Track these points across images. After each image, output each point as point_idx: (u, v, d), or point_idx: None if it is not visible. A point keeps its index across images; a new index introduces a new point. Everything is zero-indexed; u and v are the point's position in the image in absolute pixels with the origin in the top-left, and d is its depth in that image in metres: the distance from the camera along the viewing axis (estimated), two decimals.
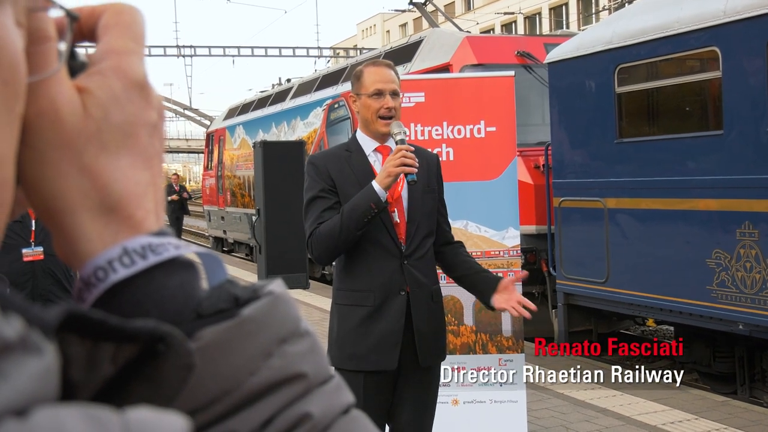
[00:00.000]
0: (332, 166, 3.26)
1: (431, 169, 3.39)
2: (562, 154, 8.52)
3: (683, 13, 7.01)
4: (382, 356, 3.19)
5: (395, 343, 3.19)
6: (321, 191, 3.22)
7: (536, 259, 9.15)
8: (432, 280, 3.33)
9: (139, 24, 0.58)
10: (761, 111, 6.30)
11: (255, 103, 18.70)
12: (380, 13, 65.82)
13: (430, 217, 3.35)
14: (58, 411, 0.39)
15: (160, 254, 0.53)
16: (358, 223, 3.09)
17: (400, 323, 3.21)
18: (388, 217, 3.24)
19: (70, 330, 0.46)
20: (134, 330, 0.47)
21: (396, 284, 3.23)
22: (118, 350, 0.47)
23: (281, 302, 0.56)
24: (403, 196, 3.29)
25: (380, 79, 3.28)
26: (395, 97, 3.29)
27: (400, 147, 3.13)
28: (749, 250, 6.39)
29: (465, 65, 10.16)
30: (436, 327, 3.32)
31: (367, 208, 3.08)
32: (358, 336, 3.21)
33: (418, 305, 3.25)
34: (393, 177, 3.08)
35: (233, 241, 19.52)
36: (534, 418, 5.85)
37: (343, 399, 0.57)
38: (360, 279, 3.24)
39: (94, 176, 0.53)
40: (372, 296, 3.22)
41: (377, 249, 3.22)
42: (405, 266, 3.24)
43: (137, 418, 0.42)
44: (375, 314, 3.21)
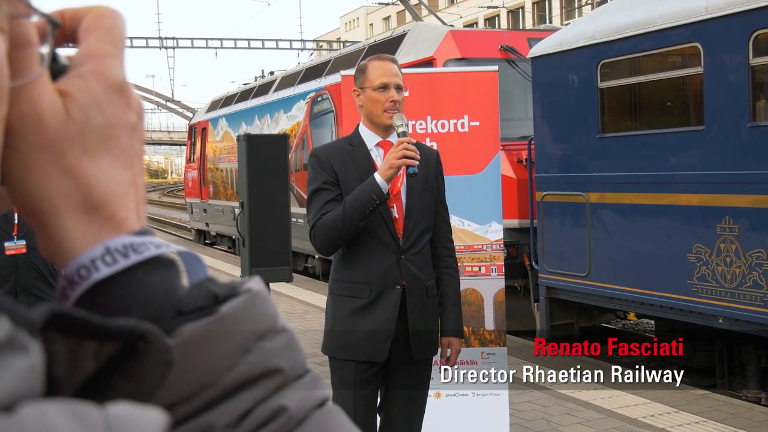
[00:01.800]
0: (335, 158, 3.31)
1: (430, 165, 3.42)
2: (545, 149, 8.55)
3: (665, 9, 7.05)
4: (373, 348, 3.24)
5: (387, 335, 3.25)
6: (324, 183, 3.27)
7: (519, 253, 9.18)
8: (427, 275, 3.38)
9: (120, 28, 0.60)
10: (742, 107, 6.35)
11: (238, 95, 18.65)
12: (364, 6, 65.71)
13: (428, 213, 3.40)
14: (43, 406, 0.41)
15: (141, 253, 0.55)
16: (360, 214, 3.14)
17: (393, 316, 3.26)
18: (388, 212, 3.30)
19: (54, 328, 0.47)
20: (115, 328, 0.49)
21: (392, 278, 3.28)
22: (100, 347, 0.49)
23: (259, 299, 0.57)
24: (402, 191, 3.34)
25: (385, 72, 3.34)
26: (399, 90, 3.35)
27: (401, 140, 3.18)
28: (729, 245, 6.45)
29: (449, 59, 10.17)
30: (429, 321, 3.37)
31: (369, 199, 3.13)
32: (351, 326, 3.27)
33: (413, 300, 3.30)
34: (395, 169, 3.13)
35: (216, 234, 19.48)
36: (516, 411, 5.88)
37: (319, 393, 0.58)
38: (357, 271, 3.30)
39: (76, 177, 0.54)
40: (368, 289, 3.28)
41: (376, 243, 3.28)
42: (402, 261, 3.29)
43: (117, 413, 0.43)
44: (370, 306, 3.27)
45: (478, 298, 5.13)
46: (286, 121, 14.98)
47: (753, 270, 6.26)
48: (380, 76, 3.33)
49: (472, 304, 5.19)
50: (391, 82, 3.32)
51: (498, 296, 5.18)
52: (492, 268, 5.21)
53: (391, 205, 3.31)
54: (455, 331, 3.46)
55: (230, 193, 17.38)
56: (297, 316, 9.90)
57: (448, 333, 3.45)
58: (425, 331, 3.34)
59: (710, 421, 5.71)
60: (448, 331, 3.44)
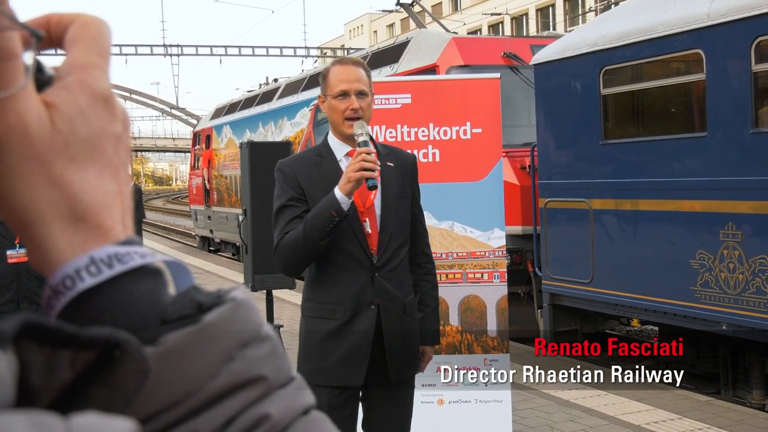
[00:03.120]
0: (301, 172, 3.11)
1: (406, 173, 3.23)
2: (548, 155, 8.56)
3: (668, 15, 7.06)
4: (348, 372, 3.07)
5: (363, 358, 3.07)
6: (289, 200, 3.08)
7: (522, 260, 9.18)
8: (405, 292, 3.18)
9: (105, 37, 0.60)
10: (745, 113, 6.36)
11: (242, 102, 18.68)
12: (367, 13, 65.82)
13: (404, 225, 3.20)
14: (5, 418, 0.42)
15: (126, 263, 0.55)
16: (321, 232, 2.93)
17: (368, 338, 3.07)
18: (360, 227, 3.09)
19: (29, 338, 0.48)
20: (90, 337, 0.49)
21: (366, 298, 3.09)
22: (75, 356, 0.49)
23: (243, 308, 0.58)
24: (375, 204, 3.14)
25: (345, 78, 3.10)
26: (362, 97, 3.10)
27: (359, 150, 2.95)
28: (732, 251, 6.44)
29: (452, 66, 10.19)
30: (408, 340, 3.18)
31: (328, 216, 2.92)
32: (325, 350, 3.08)
33: (389, 319, 3.11)
34: (354, 182, 2.90)
35: (220, 241, 19.49)
36: (519, 418, 5.88)
37: (303, 400, 0.59)
38: (329, 291, 3.10)
39: (62, 187, 0.55)
40: (341, 310, 3.08)
41: (348, 260, 3.08)
42: (376, 278, 3.10)
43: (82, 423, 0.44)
44: (343, 328, 3.08)
45: (481, 305, 5.13)
46: (290, 128, 15.00)
47: (756, 276, 6.26)
48: (340, 82, 3.10)
49: (475, 311, 5.20)
50: (351, 88, 3.08)
51: (501, 303, 5.19)
52: (495, 274, 5.21)
53: (363, 219, 3.11)
54: (431, 339, 3.30)
55: (234, 200, 17.40)
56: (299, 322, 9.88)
57: (424, 342, 3.26)
58: (403, 352, 3.15)
59: (714, 428, 5.70)
60: (424, 340, 3.27)
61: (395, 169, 3.18)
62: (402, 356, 3.14)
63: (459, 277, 5.21)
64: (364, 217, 3.11)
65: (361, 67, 3.18)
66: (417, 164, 3.35)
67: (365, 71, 3.17)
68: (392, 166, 3.19)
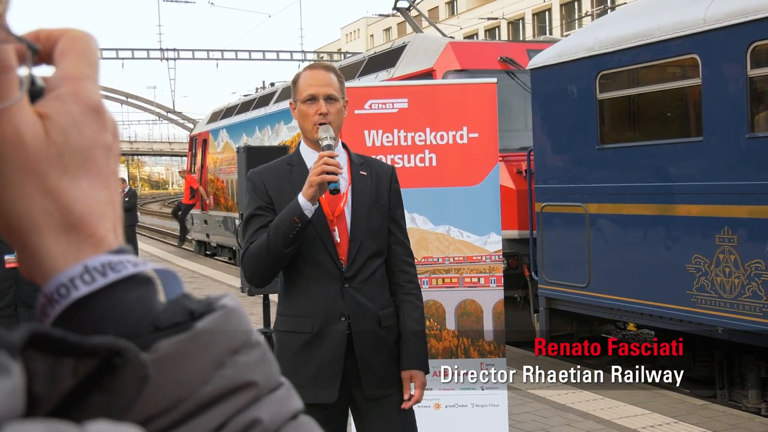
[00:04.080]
0: (270, 181, 3.04)
1: (382, 183, 3.11)
2: (544, 160, 8.58)
3: (664, 20, 7.08)
4: (321, 388, 2.96)
5: (335, 373, 2.96)
6: (257, 209, 3.00)
7: (518, 264, 9.20)
8: (379, 304, 3.05)
9: (94, 51, 0.61)
10: (740, 118, 6.38)
11: (239, 106, 18.69)
12: (364, 17, 65.88)
13: (378, 235, 3.07)
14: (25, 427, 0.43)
15: (119, 272, 0.56)
16: (284, 240, 2.83)
17: (339, 352, 2.96)
18: (329, 236, 2.99)
19: (34, 347, 0.49)
20: (93, 345, 0.50)
21: (336, 309, 2.98)
22: (78, 364, 0.51)
23: (234, 315, 0.59)
24: (345, 213, 3.04)
25: (313, 82, 3.01)
26: (331, 101, 2.99)
27: (322, 153, 2.84)
28: (728, 255, 6.46)
29: (448, 71, 10.20)
30: (385, 354, 3.04)
31: (290, 223, 2.82)
32: (297, 366, 2.97)
33: (362, 332, 2.99)
34: (315, 187, 2.79)
35: (216, 245, 19.49)
36: (515, 422, 5.88)
37: (292, 405, 0.60)
38: (298, 303, 3.02)
39: (56, 197, 0.56)
40: (310, 322, 2.98)
41: (316, 271, 2.98)
42: (346, 289, 2.99)
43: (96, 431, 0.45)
44: (313, 342, 2.98)
45: (478, 309, 5.14)
46: (286, 133, 15.01)
47: (752, 280, 6.27)
48: (308, 87, 3.01)
49: (471, 315, 5.20)
50: (319, 92, 2.98)
51: (497, 307, 5.20)
52: (491, 279, 5.22)
53: (332, 228, 3.01)
54: (417, 363, 3.07)
55: (230, 204, 17.40)
56: None
57: (408, 366, 3.05)
58: (379, 366, 3.01)
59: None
60: (408, 364, 3.05)
61: (368, 178, 3.09)
62: (378, 371, 3.02)
63: (455, 281, 5.22)
64: (333, 226, 3.02)
65: (332, 72, 3.09)
66: (396, 177, 3.19)
67: (336, 76, 3.08)
68: (365, 175, 3.10)
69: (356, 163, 3.14)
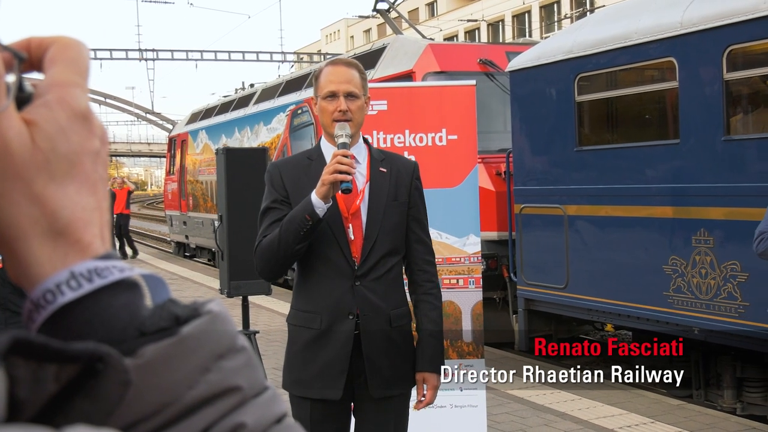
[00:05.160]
0: (288, 175, 3.03)
1: (402, 179, 3.08)
2: (523, 162, 8.62)
3: (641, 24, 7.14)
4: (326, 384, 2.95)
5: (341, 371, 2.95)
6: (273, 202, 3.00)
7: (497, 265, 9.23)
8: (392, 303, 3.02)
9: (84, 58, 0.61)
10: (717, 120, 6.44)
11: (218, 107, 18.64)
12: (344, 18, 65.85)
13: (395, 234, 3.04)
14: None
15: (105, 277, 0.57)
16: (295, 236, 2.83)
17: (346, 350, 2.95)
18: (343, 233, 2.97)
19: (17, 353, 0.50)
20: (75, 351, 0.51)
21: (345, 307, 2.96)
22: (60, 370, 0.52)
23: (219, 320, 0.59)
24: (362, 210, 3.02)
25: (334, 79, 2.99)
26: (352, 98, 2.98)
27: (336, 152, 2.84)
28: (704, 257, 6.52)
29: (428, 72, 10.23)
30: (394, 355, 3.01)
31: (302, 220, 2.81)
32: (304, 361, 2.99)
33: (370, 331, 2.97)
34: (328, 186, 2.78)
35: (195, 246, 19.42)
36: (494, 422, 5.91)
37: (277, 409, 0.60)
38: (309, 299, 3.01)
39: (43, 204, 0.56)
40: (319, 319, 2.97)
41: (328, 267, 2.97)
42: (357, 288, 2.97)
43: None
44: (321, 338, 2.97)
45: (456, 311, 5.16)
46: (266, 134, 14.98)
47: (728, 282, 6.33)
48: (329, 83, 2.99)
49: (450, 317, 5.22)
50: (339, 89, 2.96)
51: (476, 308, 5.22)
52: (470, 280, 5.25)
53: (347, 225, 2.98)
54: (431, 365, 3.05)
55: (210, 206, 17.35)
56: (277, 329, 9.88)
57: (422, 368, 3.05)
58: (388, 366, 2.99)
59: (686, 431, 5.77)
60: (422, 366, 3.05)
61: (388, 174, 3.06)
62: (385, 371, 2.99)
63: None
64: (348, 223, 2.99)
65: (354, 68, 3.06)
66: (418, 173, 3.16)
67: (359, 72, 3.05)
68: (384, 172, 3.07)
69: (376, 159, 3.10)
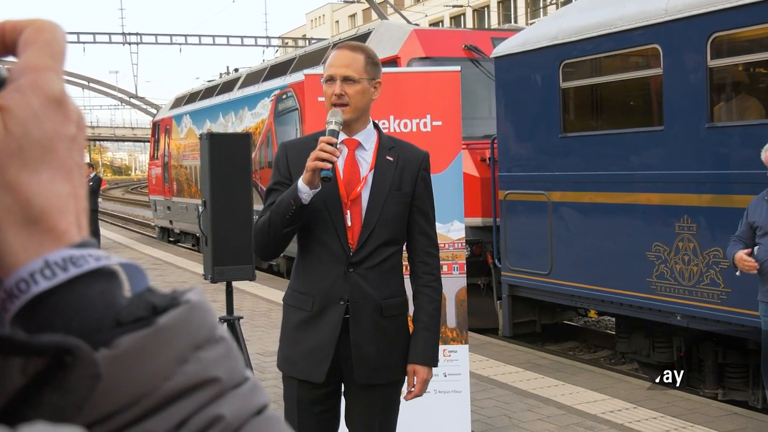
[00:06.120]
0: (294, 156, 3.02)
1: (408, 170, 3.05)
2: (508, 148, 8.63)
3: (626, 10, 7.14)
4: (311, 366, 2.98)
5: (326, 355, 2.96)
6: (275, 183, 3.02)
7: (482, 251, 9.25)
8: (385, 293, 3.01)
9: (59, 41, 0.60)
10: (700, 108, 6.46)
11: (202, 92, 18.55)
12: (330, 3, 65.65)
13: (395, 223, 3.03)
14: None
15: (80, 266, 0.55)
16: (282, 220, 2.86)
17: (333, 335, 2.97)
18: (341, 219, 2.98)
19: None
20: (41, 344, 0.50)
21: (336, 292, 2.97)
22: (26, 363, 0.51)
23: (197, 310, 0.58)
24: (363, 197, 3.01)
25: (333, 62, 2.99)
26: (349, 83, 2.95)
27: (322, 139, 2.82)
28: (687, 244, 6.55)
29: (413, 58, 10.21)
30: (382, 343, 3.01)
31: (287, 204, 2.84)
32: (295, 340, 3.03)
33: (359, 318, 2.97)
34: (311, 172, 2.79)
35: (179, 231, 19.37)
36: (477, 408, 5.93)
37: (257, 400, 0.59)
38: (304, 281, 3.04)
39: (16, 191, 0.55)
40: (311, 301, 3.00)
41: (324, 252, 2.99)
42: (350, 274, 2.97)
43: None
44: (312, 321, 2.99)
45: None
46: (250, 119, 14.93)
47: (710, 268, 6.37)
48: (328, 67, 2.99)
49: None
50: (336, 73, 2.95)
51: (460, 294, 5.23)
52: (454, 266, 5.25)
53: (345, 211, 2.99)
54: (422, 358, 3.04)
55: (194, 191, 17.30)
56: (261, 314, 9.89)
57: (413, 360, 3.04)
58: (376, 354, 2.99)
59: (668, 417, 5.80)
60: (414, 358, 3.04)
61: (394, 163, 3.03)
62: (372, 359, 2.98)
63: None
64: (347, 209, 2.99)
65: (360, 51, 3.03)
66: (427, 165, 3.13)
67: (365, 56, 3.02)
68: (391, 161, 3.04)
69: (384, 146, 3.08)
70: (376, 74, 3.04)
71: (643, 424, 5.63)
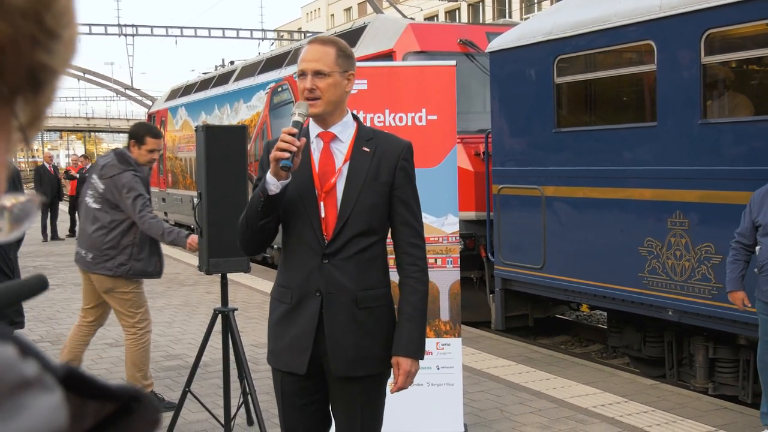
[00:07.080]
0: None
1: (386, 160, 3.03)
2: (502, 142, 8.66)
3: (621, 6, 7.18)
4: (293, 358, 2.99)
5: (305, 347, 2.97)
6: (258, 180, 3.00)
7: (475, 245, 9.29)
8: (362, 284, 2.99)
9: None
10: (694, 104, 6.49)
11: (198, 84, 18.55)
12: None
13: (372, 214, 3.00)
14: None
15: None
16: (255, 212, 2.90)
17: (311, 326, 2.97)
18: (315, 210, 2.97)
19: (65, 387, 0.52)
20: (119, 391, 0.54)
21: (312, 284, 2.97)
22: (101, 407, 0.53)
23: None
24: (337, 188, 3.00)
25: (304, 57, 3.00)
26: (320, 77, 2.95)
27: (283, 130, 2.81)
28: (679, 239, 6.59)
29: (408, 52, 10.23)
30: (359, 336, 2.99)
31: (257, 196, 2.87)
32: (277, 334, 3.06)
33: (334, 310, 2.96)
34: (275, 162, 2.79)
35: (174, 223, 19.37)
36: (470, 401, 5.97)
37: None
38: (285, 274, 3.06)
39: None
40: (290, 294, 3.02)
41: (300, 244, 2.99)
42: (324, 266, 2.96)
43: None
44: (291, 313, 3.01)
45: (434, 290, 5.20)
46: (246, 111, 14.94)
47: (702, 263, 6.42)
48: (300, 62, 3.00)
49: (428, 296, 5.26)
50: (307, 68, 2.96)
51: (453, 288, 5.26)
52: (448, 260, 5.28)
53: (319, 203, 2.98)
54: (405, 350, 3.00)
55: (189, 183, 17.31)
56: (255, 306, 9.92)
57: (396, 352, 3.01)
58: (352, 346, 2.97)
59: (659, 411, 5.84)
60: (396, 350, 3.01)
61: (371, 154, 3.02)
62: (349, 352, 2.97)
63: None
64: (320, 200, 2.98)
65: (331, 45, 3.02)
66: (408, 155, 3.08)
67: (337, 49, 3.01)
68: (367, 151, 3.03)
69: (362, 138, 3.07)
70: (348, 66, 3.03)
71: (633, 418, 5.68)
